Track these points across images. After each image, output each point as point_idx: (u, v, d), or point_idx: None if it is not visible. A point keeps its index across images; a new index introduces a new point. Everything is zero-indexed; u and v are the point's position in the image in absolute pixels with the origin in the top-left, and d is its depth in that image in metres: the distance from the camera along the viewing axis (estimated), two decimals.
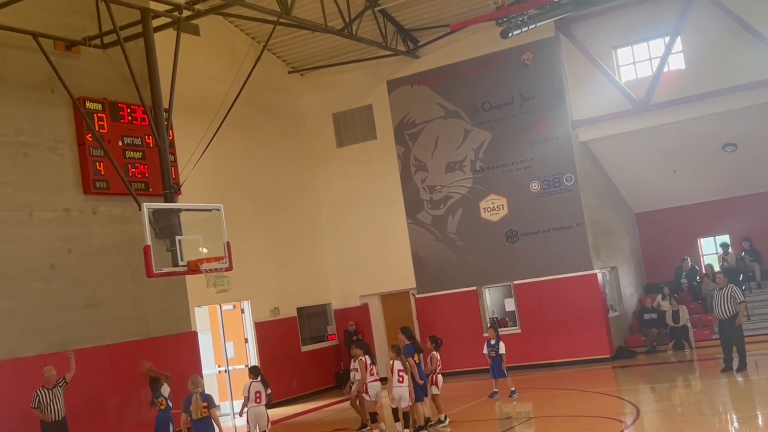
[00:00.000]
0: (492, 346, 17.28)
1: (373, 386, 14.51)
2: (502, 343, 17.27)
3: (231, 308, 20.81)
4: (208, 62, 20.71)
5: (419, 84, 22.97)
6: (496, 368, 17.22)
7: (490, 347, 17.34)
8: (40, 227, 16.00)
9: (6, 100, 15.77)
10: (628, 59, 21.53)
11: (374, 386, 14.53)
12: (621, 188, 23.40)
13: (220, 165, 20.05)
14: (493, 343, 17.28)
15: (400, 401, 13.91)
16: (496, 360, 17.20)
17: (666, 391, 17.01)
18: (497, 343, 17.25)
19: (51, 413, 13.67)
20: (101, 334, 16.72)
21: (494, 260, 22.09)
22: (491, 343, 17.36)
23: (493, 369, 17.28)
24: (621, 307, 22.63)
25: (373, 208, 23.59)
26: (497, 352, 17.18)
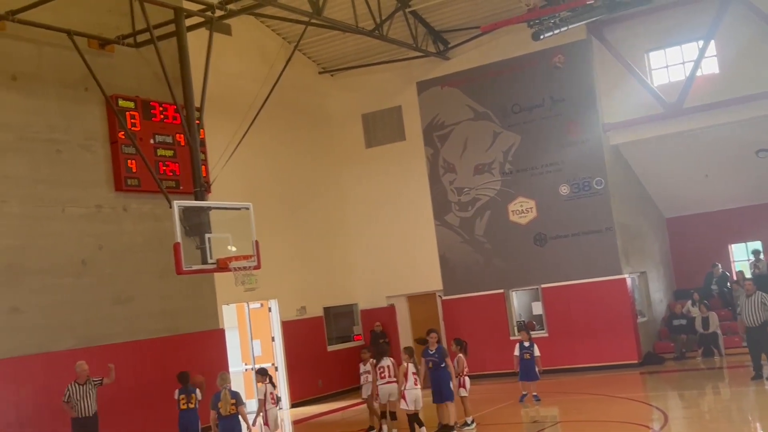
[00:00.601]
0: (526, 348, 17.02)
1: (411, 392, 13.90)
2: (536, 345, 17.07)
3: (258, 307, 20.92)
4: (240, 62, 20.83)
5: (449, 85, 22.94)
6: (529, 371, 16.94)
7: (524, 349, 17.04)
8: (72, 223, 16.18)
9: (40, 98, 15.97)
10: (660, 63, 21.37)
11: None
12: (651, 193, 23.22)
13: (249, 164, 20.16)
14: (527, 345, 17.05)
15: (416, 404, 13.84)
16: (529, 363, 16.93)
17: (695, 398, 16.85)
18: (531, 345, 17.02)
19: (81, 409, 13.55)
20: (130, 330, 16.87)
21: (522, 263, 22.00)
22: (524, 345, 17.10)
23: (522, 371, 17.02)
24: (650, 312, 22.46)
25: (400, 210, 23.60)
26: (531, 355, 16.94)
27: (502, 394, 18.56)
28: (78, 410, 13.52)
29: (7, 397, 14.52)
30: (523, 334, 17.49)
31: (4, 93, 15.38)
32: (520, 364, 17.06)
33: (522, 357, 17.01)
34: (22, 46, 15.74)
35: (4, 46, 15.45)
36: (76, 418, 13.56)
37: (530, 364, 16.92)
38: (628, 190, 22.22)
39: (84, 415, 13.56)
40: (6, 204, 15.11)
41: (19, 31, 15.51)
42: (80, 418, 13.55)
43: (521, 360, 17.04)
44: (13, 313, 14.93)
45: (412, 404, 13.86)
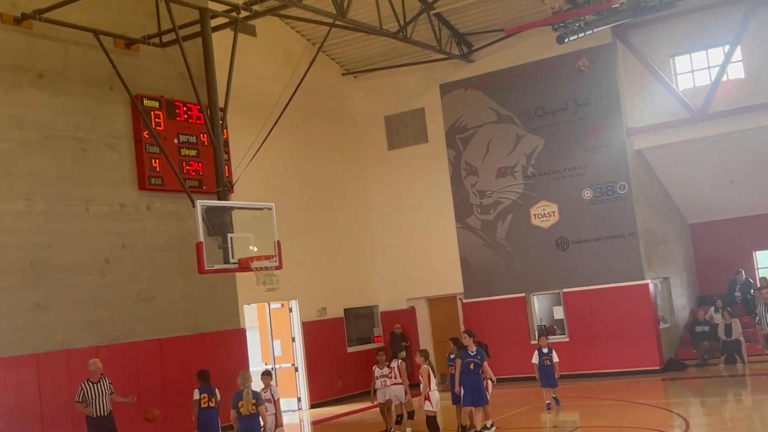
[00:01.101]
0: (545, 355, 16.73)
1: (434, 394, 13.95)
2: (554, 351, 16.84)
3: (279, 307, 20.98)
4: (264, 63, 20.91)
5: (472, 88, 22.90)
6: (550, 377, 16.68)
7: (543, 356, 16.74)
8: (96, 221, 16.30)
9: (66, 96, 16.11)
10: (686, 67, 21.22)
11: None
12: (675, 198, 23.06)
13: (272, 164, 20.22)
14: (546, 352, 16.76)
15: (437, 405, 13.82)
16: (549, 369, 16.67)
17: (716, 405, 16.72)
18: (550, 351, 16.77)
19: (95, 408, 13.26)
20: (152, 328, 16.97)
21: (544, 267, 21.90)
22: (543, 351, 16.79)
23: (543, 378, 16.72)
24: (672, 318, 22.30)
25: (422, 212, 23.58)
26: (551, 361, 16.69)
27: (522, 398, 18.50)
28: (93, 409, 13.26)
29: (30, 393, 14.64)
30: (542, 340, 17.19)
31: (31, 91, 15.53)
32: (540, 370, 16.77)
33: (542, 363, 16.75)
34: (48, 45, 15.89)
35: (31, 44, 15.60)
36: (91, 417, 13.28)
37: (550, 371, 16.67)
38: (652, 195, 22.07)
39: (99, 414, 13.29)
40: (31, 201, 15.26)
41: (46, 30, 15.67)
42: (95, 418, 13.27)
43: (541, 366, 16.77)
44: (37, 309, 15.07)
45: (436, 406, 13.82)
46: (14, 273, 14.81)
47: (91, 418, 13.27)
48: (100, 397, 13.30)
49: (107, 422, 13.38)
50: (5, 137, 15.02)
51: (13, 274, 14.78)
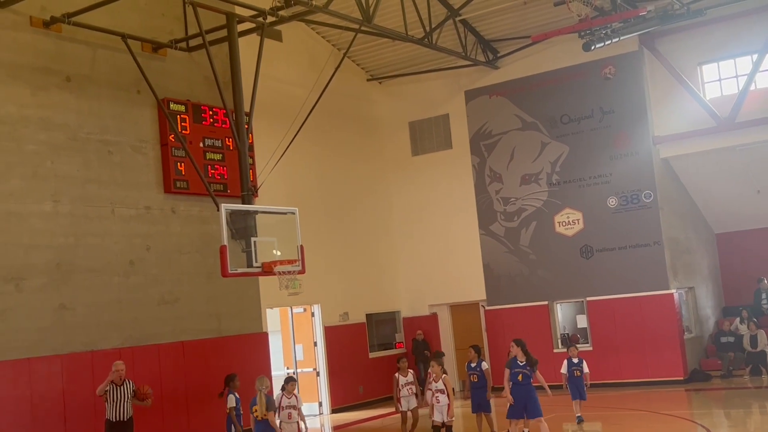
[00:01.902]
0: (575, 365, 15.95)
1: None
2: (584, 361, 16.08)
3: (302, 311, 21.01)
4: (289, 68, 20.99)
5: (497, 95, 22.85)
6: (580, 389, 15.85)
7: (573, 366, 15.97)
8: (121, 223, 16.42)
9: (94, 99, 16.25)
10: (713, 76, 21.07)
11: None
12: (701, 207, 22.87)
13: (296, 169, 20.28)
14: (576, 362, 15.98)
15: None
16: (578, 380, 15.88)
17: (741, 417, 16.54)
18: (580, 361, 15.98)
19: (115, 412, 12.94)
20: (175, 330, 17.05)
21: (567, 275, 21.79)
22: (573, 361, 16.01)
23: (573, 390, 15.90)
24: (697, 328, 22.10)
25: (445, 218, 23.55)
26: (581, 371, 15.92)
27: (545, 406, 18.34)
28: (112, 413, 12.95)
29: (54, 393, 14.75)
30: (572, 350, 16.34)
31: (59, 94, 15.68)
32: (569, 381, 15.98)
33: (571, 374, 15.96)
34: (77, 48, 16.04)
35: (59, 47, 15.76)
36: (110, 421, 12.97)
37: (579, 382, 15.89)
38: (678, 204, 21.91)
39: (118, 418, 12.95)
40: (58, 203, 15.40)
41: (74, 33, 15.83)
42: (114, 422, 12.95)
43: (570, 377, 15.97)
44: (62, 310, 15.19)
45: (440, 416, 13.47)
46: (40, 273, 14.95)
47: (109, 422, 12.98)
48: (122, 401, 13.02)
49: (127, 429, 13.06)
50: (33, 139, 15.17)
51: (39, 275, 14.92)
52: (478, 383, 14.65)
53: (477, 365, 14.73)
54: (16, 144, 14.91)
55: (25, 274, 14.71)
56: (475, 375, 14.68)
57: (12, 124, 14.89)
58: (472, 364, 14.79)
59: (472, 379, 14.75)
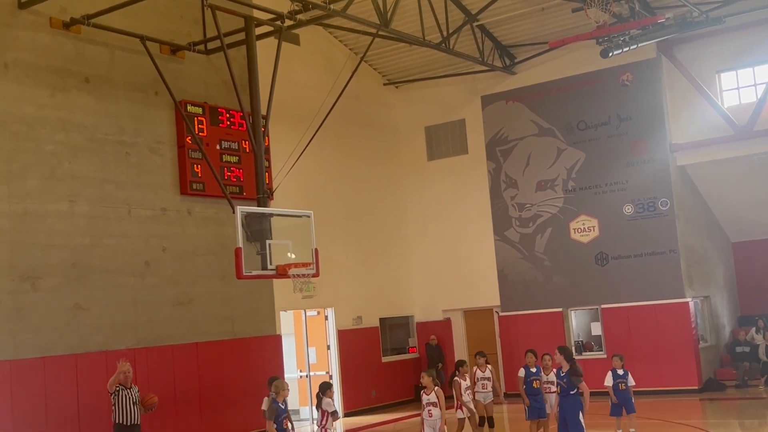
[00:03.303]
0: (620, 377, 14.78)
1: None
2: (630, 373, 14.99)
3: (315, 314, 21.03)
4: (306, 72, 21.04)
5: (514, 100, 22.82)
6: (627, 402, 14.75)
7: (618, 378, 14.79)
8: (138, 224, 16.50)
9: (111, 100, 16.35)
10: (731, 84, 20.95)
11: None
12: (718, 216, 22.73)
13: (311, 172, 20.32)
14: (621, 374, 14.83)
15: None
16: (624, 393, 14.76)
17: (755, 428, 16.43)
18: (626, 373, 14.87)
19: (123, 415, 12.46)
20: (189, 331, 17.11)
21: (582, 282, 21.71)
22: (618, 373, 14.87)
23: (616, 404, 14.76)
24: (712, 338, 21.96)
25: (460, 223, 23.51)
26: (626, 385, 14.78)
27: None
28: (120, 416, 12.47)
29: (68, 392, 14.83)
30: (615, 361, 15.17)
31: (77, 94, 15.78)
32: (615, 395, 14.82)
33: (616, 387, 14.77)
34: (95, 49, 16.15)
35: (78, 48, 15.87)
36: (119, 423, 12.48)
37: (626, 396, 14.76)
38: (694, 212, 21.79)
39: (127, 422, 12.48)
40: (74, 203, 15.49)
41: (93, 35, 15.94)
42: (122, 425, 12.48)
43: (615, 391, 14.78)
44: (77, 310, 15.27)
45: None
46: (56, 273, 15.04)
47: (119, 425, 12.48)
48: (130, 404, 12.54)
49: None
50: (51, 139, 15.28)
51: (55, 274, 15.01)
52: (538, 389, 14.24)
53: (537, 371, 14.35)
54: (34, 144, 15.02)
55: (41, 273, 14.80)
56: (537, 381, 14.24)
57: (30, 124, 15.00)
58: (531, 369, 14.40)
59: (534, 385, 14.30)
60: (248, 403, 17.52)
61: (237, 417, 17.58)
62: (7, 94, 14.74)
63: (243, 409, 17.58)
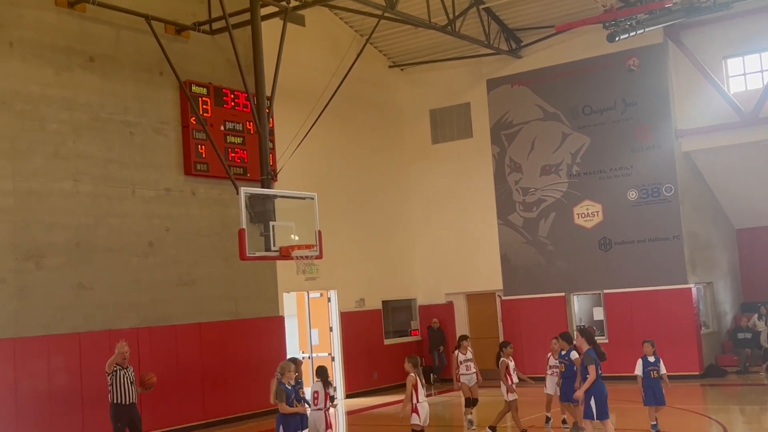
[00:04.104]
0: (652, 365, 13.65)
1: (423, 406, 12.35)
2: (662, 361, 13.83)
3: (318, 296, 21.10)
4: (311, 53, 20.98)
5: (519, 84, 22.74)
6: (658, 392, 13.58)
7: (649, 366, 13.64)
8: (141, 204, 16.52)
9: (116, 80, 16.33)
10: (738, 70, 20.87)
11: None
12: (722, 202, 22.69)
13: (315, 154, 20.31)
14: (653, 361, 13.69)
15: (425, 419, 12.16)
16: (656, 382, 13.60)
17: (756, 413, 16.46)
18: (657, 360, 13.72)
19: (121, 395, 12.44)
20: (192, 312, 17.17)
21: (585, 267, 21.72)
22: (650, 360, 13.70)
23: (649, 394, 13.60)
24: (714, 324, 21.99)
25: (463, 207, 23.51)
26: (659, 372, 13.64)
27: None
28: (118, 396, 12.46)
29: (72, 371, 14.91)
30: (647, 347, 13.90)
31: (82, 74, 15.77)
32: (645, 384, 13.69)
33: (647, 375, 13.63)
34: (100, 28, 16.12)
35: (83, 27, 15.84)
36: (118, 404, 12.46)
37: (657, 384, 13.61)
38: (699, 198, 21.76)
39: (125, 402, 12.46)
40: (78, 182, 15.51)
41: (98, 13, 15.91)
42: (121, 405, 12.45)
43: (646, 379, 13.66)
44: (80, 289, 15.33)
45: (425, 420, 12.21)
46: (60, 252, 15.08)
47: (117, 404, 12.46)
48: (127, 384, 12.53)
49: (134, 412, 12.64)
50: (56, 118, 15.28)
51: (58, 254, 15.06)
52: (566, 372, 13.97)
53: (566, 354, 14.04)
54: (38, 123, 15.03)
55: (45, 252, 14.85)
56: (564, 364, 14.02)
57: (35, 103, 15.00)
58: (562, 352, 14.11)
59: (561, 369, 14.15)
60: (250, 383, 17.63)
61: (239, 397, 17.68)
62: (12, 72, 14.73)
63: (245, 390, 17.67)
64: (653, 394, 13.56)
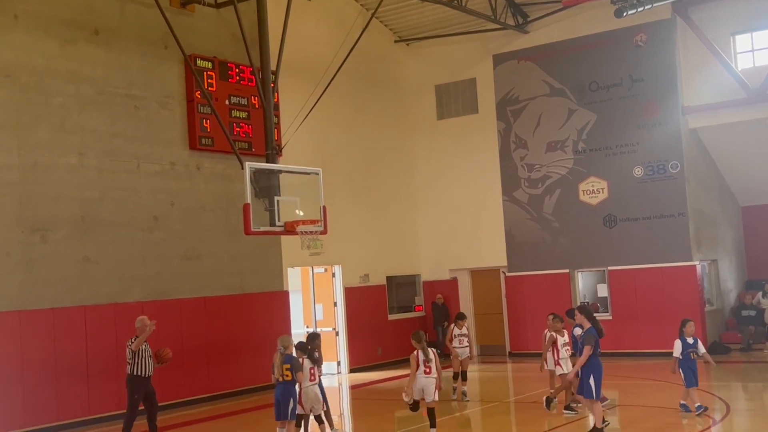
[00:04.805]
0: (691, 346, 13.13)
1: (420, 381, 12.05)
2: (699, 341, 13.37)
3: (322, 271, 21.14)
4: (317, 27, 20.88)
5: (526, 60, 22.62)
6: (696, 374, 13.15)
7: (689, 347, 13.12)
8: (146, 179, 16.53)
9: (121, 53, 16.28)
10: (746, 46, 20.71)
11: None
12: (728, 179, 22.63)
13: (321, 129, 20.26)
14: (692, 342, 13.15)
15: (423, 393, 12.00)
16: (694, 364, 13.17)
17: (759, 390, 16.50)
18: (696, 342, 13.22)
19: (141, 367, 12.51)
20: (197, 286, 17.23)
21: (590, 244, 21.71)
22: (689, 341, 13.15)
23: (690, 377, 13.10)
24: (719, 301, 22.00)
25: (468, 183, 23.47)
26: (697, 354, 13.18)
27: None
28: (138, 368, 12.53)
29: (77, 344, 15.00)
30: (689, 327, 13.24)
31: (86, 47, 15.72)
32: (684, 366, 13.16)
33: (687, 357, 13.14)
34: (105, 1, 16.09)
35: (88, 0, 15.76)
36: (137, 375, 12.54)
37: (695, 367, 13.19)
38: (705, 175, 21.69)
39: (144, 374, 12.57)
40: (84, 156, 15.51)
41: None
42: (140, 377, 12.55)
43: (686, 361, 13.14)
44: (85, 263, 15.38)
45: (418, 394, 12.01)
46: (65, 225, 15.12)
47: (137, 376, 12.54)
48: (146, 356, 12.60)
49: (150, 385, 12.74)
50: (61, 91, 15.26)
51: (64, 227, 15.09)
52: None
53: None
54: (44, 96, 15.01)
55: (50, 225, 14.88)
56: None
57: (40, 76, 14.98)
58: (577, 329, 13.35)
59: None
60: (254, 357, 17.71)
61: (243, 371, 17.77)
62: (17, 44, 14.69)
63: (249, 363, 17.75)
64: (693, 375, 13.09)
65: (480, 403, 15.98)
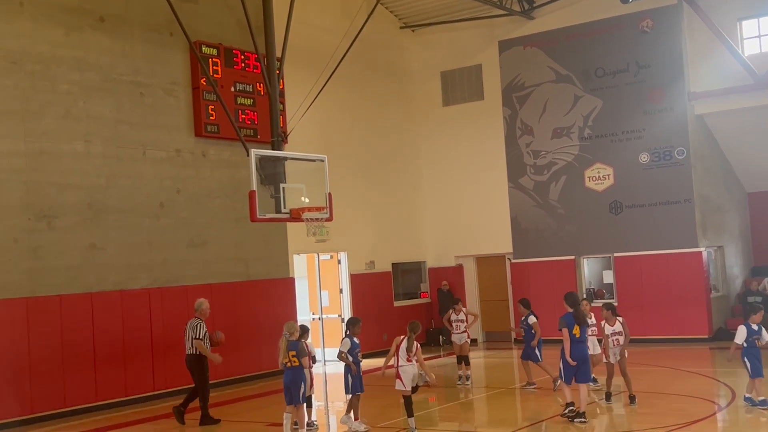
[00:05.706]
0: (756, 333, 12.23)
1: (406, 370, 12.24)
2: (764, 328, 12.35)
3: (328, 258, 21.17)
4: (322, 14, 20.84)
5: (532, 46, 22.55)
6: (760, 362, 12.30)
7: (754, 334, 12.24)
8: (152, 166, 16.55)
9: (126, 40, 16.28)
10: (753, 32, 20.64)
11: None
12: (735, 166, 22.58)
13: (326, 116, 20.25)
14: (757, 329, 12.24)
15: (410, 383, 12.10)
16: (758, 352, 12.32)
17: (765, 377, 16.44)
18: (760, 329, 12.26)
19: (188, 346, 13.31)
20: (203, 273, 17.27)
21: (595, 231, 21.71)
22: (753, 328, 12.25)
23: (756, 365, 12.24)
24: (724, 287, 21.99)
25: (474, 170, 23.45)
26: (762, 340, 12.30)
27: None
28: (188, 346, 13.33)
29: (83, 329, 15.05)
30: (757, 316, 12.34)
31: (92, 34, 15.72)
32: (748, 354, 12.31)
33: (752, 345, 12.27)
34: None
35: None
36: (198, 356, 13.31)
37: (759, 354, 12.30)
38: (711, 161, 21.65)
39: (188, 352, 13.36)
40: (89, 143, 15.53)
41: None
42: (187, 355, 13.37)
43: (750, 348, 12.26)
44: (92, 249, 15.42)
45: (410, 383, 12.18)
46: (72, 212, 15.16)
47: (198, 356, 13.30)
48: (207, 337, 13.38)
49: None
50: (66, 79, 15.26)
51: (70, 214, 15.13)
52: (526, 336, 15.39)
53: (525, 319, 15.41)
54: (49, 83, 15.02)
55: (57, 212, 14.93)
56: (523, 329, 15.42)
57: (46, 63, 14.98)
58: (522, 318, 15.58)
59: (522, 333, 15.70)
60: (261, 343, 17.77)
61: (249, 357, 17.84)
62: (23, 32, 14.69)
63: (255, 350, 17.82)
64: (759, 363, 12.22)
65: (486, 389, 16.02)
